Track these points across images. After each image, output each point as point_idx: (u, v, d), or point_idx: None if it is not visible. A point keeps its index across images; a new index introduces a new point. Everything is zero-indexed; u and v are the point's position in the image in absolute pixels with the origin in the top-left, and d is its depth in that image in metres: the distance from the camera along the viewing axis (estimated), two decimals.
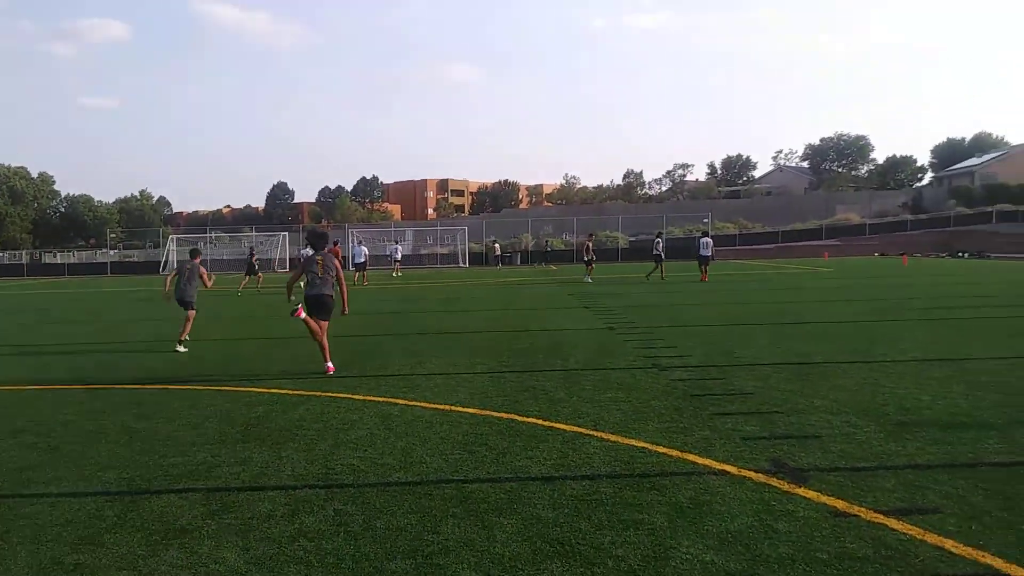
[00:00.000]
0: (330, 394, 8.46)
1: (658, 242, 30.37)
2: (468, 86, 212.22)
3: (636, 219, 67.10)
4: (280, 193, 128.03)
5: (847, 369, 9.06)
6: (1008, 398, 7.29)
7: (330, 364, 10.03)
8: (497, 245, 55.60)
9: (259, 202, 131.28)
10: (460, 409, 7.50)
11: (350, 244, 44.93)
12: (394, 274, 40.03)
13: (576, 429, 6.57)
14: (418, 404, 7.80)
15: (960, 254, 47.25)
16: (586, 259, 30.66)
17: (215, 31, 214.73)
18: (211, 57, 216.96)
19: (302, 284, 10.66)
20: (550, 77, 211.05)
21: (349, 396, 8.33)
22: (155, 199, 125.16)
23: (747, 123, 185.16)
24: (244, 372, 10.22)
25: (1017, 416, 6.57)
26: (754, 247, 57.20)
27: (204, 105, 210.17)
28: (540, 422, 6.86)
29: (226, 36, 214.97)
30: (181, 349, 12.55)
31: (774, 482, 5.02)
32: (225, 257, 52.86)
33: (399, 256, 41.96)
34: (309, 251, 10.74)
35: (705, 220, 58.62)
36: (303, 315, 9.82)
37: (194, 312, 13.39)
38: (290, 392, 8.65)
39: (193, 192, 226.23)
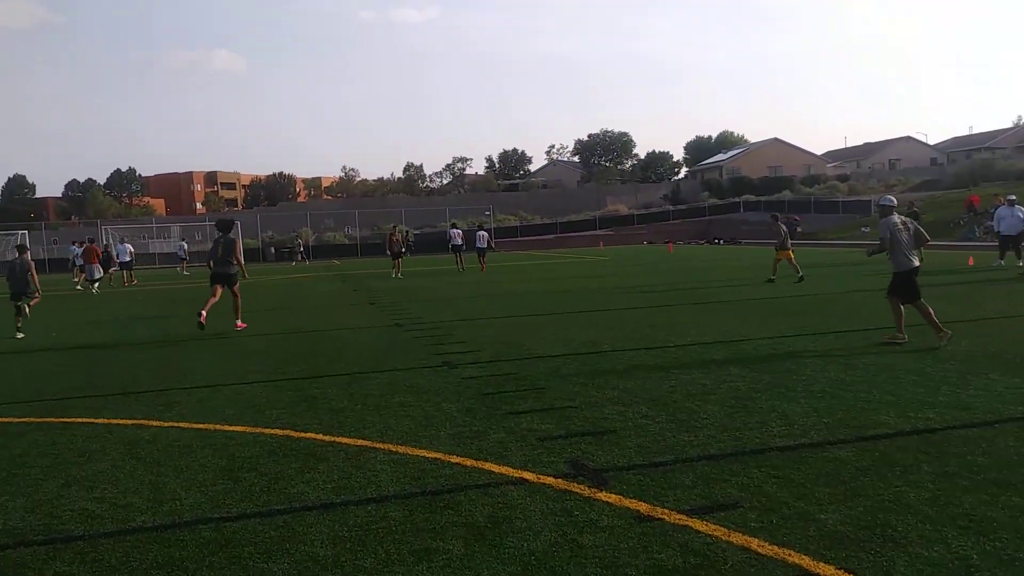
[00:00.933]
0: (66, 420, 7.13)
1: (457, 232, 30.41)
2: (232, 75, 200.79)
3: (419, 212, 66.86)
4: (18, 187, 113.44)
5: (634, 357, 9.14)
6: (778, 377, 7.61)
7: (240, 322, 13.40)
8: (300, 240, 52.61)
9: None
10: (226, 428, 6.56)
11: (104, 241, 40.60)
12: (183, 271, 37.45)
13: (361, 442, 5.91)
14: (176, 425, 6.74)
15: (716, 240, 51.76)
16: (392, 252, 28.13)
17: None
18: None
19: (211, 264, 13.65)
20: (320, 68, 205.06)
21: (89, 421, 7.06)
22: None
23: (521, 119, 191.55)
24: None
25: (791, 396, 6.81)
26: (534, 238, 59.03)
27: None
28: (320, 437, 6.12)
29: None
30: None
31: (575, 487, 4.69)
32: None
33: (184, 254, 39.22)
34: (217, 234, 13.84)
35: (487, 213, 59.63)
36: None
37: None
38: (14, 420, 7.19)
39: None
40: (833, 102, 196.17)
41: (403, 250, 29.43)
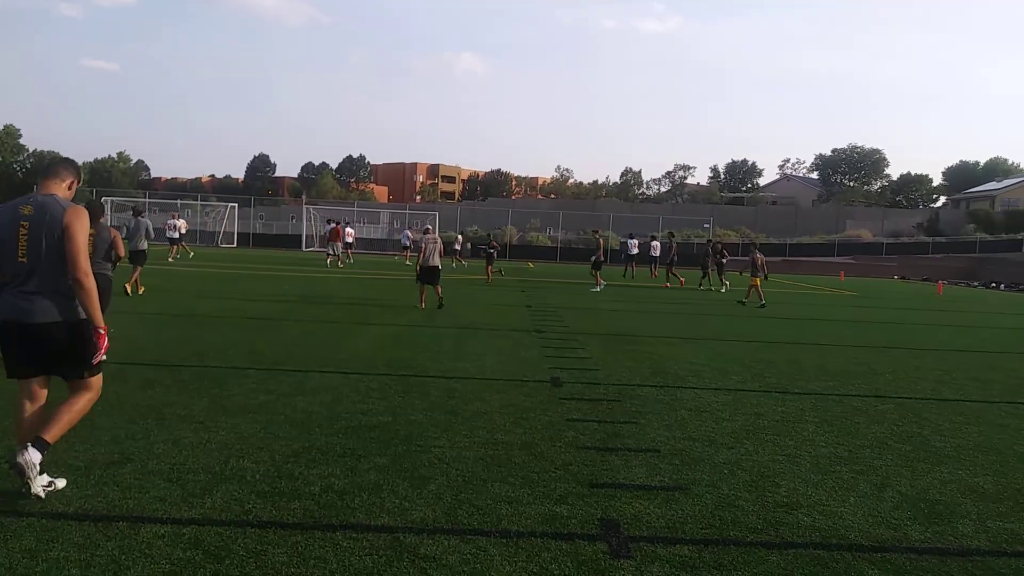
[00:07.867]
0: None
1: (655, 244, 30.17)
2: (470, 75, 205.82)
3: (631, 219, 61.62)
4: (261, 165, 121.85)
5: None
6: None
7: None
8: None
9: (240, 173, 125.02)
10: None
11: (291, 221, 39.40)
12: (405, 261, 34.54)
13: None
14: None
15: (994, 284, 41.84)
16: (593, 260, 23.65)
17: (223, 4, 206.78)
18: (218, 29, 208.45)
19: None
20: (555, 72, 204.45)
21: None
22: (133, 162, 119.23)
23: (753, 129, 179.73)
24: None
25: None
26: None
27: (198, 74, 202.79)
28: None
29: (233, 9, 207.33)
30: None
31: None
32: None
33: (407, 243, 36.46)
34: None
35: (705, 226, 53.44)
36: None
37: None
38: None
39: (175, 159, 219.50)
40: None
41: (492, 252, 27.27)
